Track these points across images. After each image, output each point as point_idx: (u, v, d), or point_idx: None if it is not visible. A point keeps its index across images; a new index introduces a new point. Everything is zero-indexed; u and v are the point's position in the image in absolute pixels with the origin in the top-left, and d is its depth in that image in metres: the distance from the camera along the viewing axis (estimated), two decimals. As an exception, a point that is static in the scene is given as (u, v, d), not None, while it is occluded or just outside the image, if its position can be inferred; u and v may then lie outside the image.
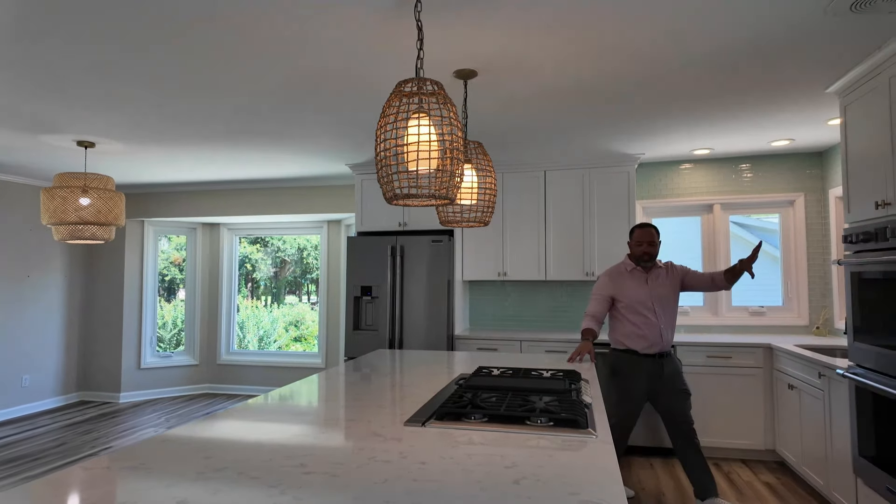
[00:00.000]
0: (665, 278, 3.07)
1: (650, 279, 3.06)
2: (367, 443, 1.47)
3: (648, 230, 3.05)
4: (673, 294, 3.06)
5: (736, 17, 2.09)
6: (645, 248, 3.03)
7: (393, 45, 2.29)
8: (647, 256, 3.02)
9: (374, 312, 4.45)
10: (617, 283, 3.08)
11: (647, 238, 3.04)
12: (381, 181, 1.63)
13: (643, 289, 3.03)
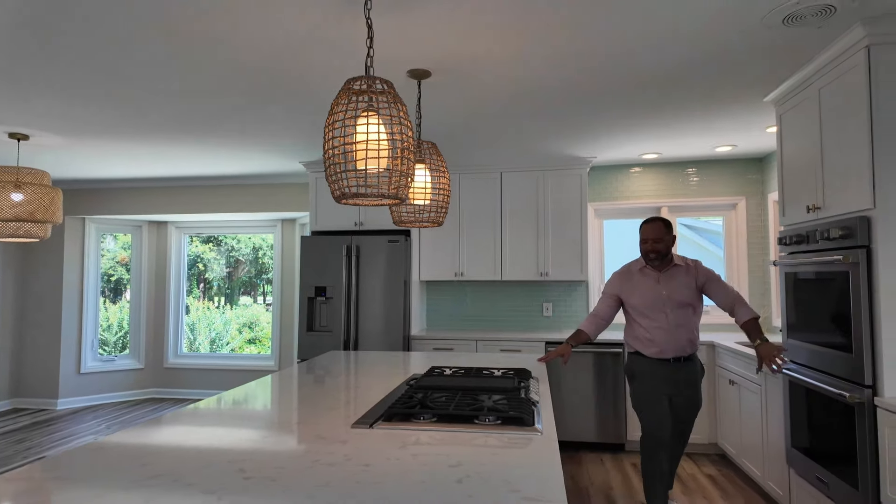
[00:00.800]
0: (683, 278, 2.73)
1: (663, 279, 2.74)
2: (312, 446, 1.44)
3: (654, 225, 2.72)
4: (691, 296, 2.72)
5: (679, 28, 2.17)
6: (650, 245, 2.72)
7: (346, 43, 2.26)
8: (654, 255, 2.72)
9: (328, 313, 4.39)
10: (625, 283, 2.81)
11: (652, 234, 2.71)
12: (330, 180, 1.61)
13: (653, 289, 2.74)
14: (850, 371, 2.24)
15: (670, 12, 2.04)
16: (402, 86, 2.77)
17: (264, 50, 2.33)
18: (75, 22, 2.06)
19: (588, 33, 2.21)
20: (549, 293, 4.84)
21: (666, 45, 2.34)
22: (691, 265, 2.78)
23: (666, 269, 2.76)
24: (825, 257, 2.33)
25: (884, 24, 2.09)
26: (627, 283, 2.81)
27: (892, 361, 2.08)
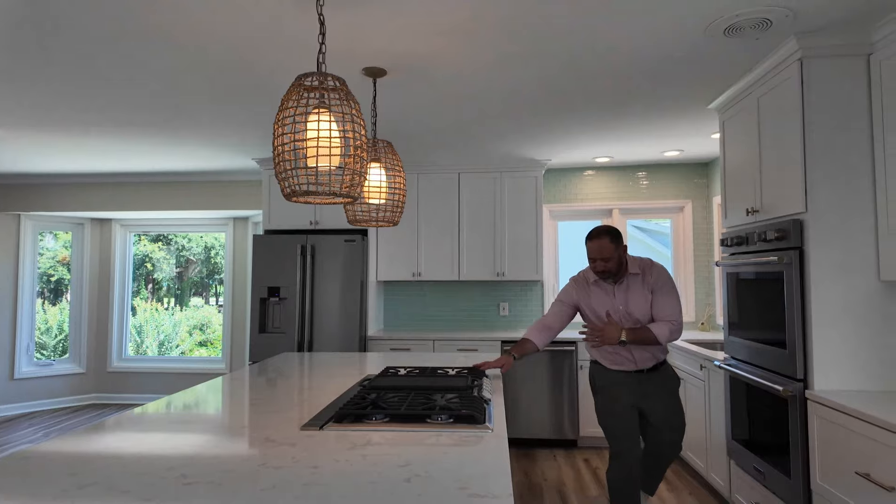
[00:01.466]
0: (639, 288, 2.47)
1: (618, 291, 2.49)
2: (259, 449, 1.41)
3: (600, 242, 2.38)
4: (648, 307, 2.46)
5: (626, 37, 2.23)
6: (599, 266, 2.42)
7: (302, 38, 2.22)
8: (604, 275, 2.44)
9: (282, 314, 4.29)
10: (581, 293, 2.57)
11: (599, 254, 2.39)
12: (279, 177, 1.57)
13: (608, 303, 2.50)
14: (784, 366, 2.36)
15: (618, 23, 2.10)
16: (357, 83, 2.74)
17: (217, 43, 2.26)
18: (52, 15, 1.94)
19: (538, 41, 2.25)
20: (505, 293, 4.90)
21: (614, 55, 2.40)
22: (646, 271, 2.49)
23: (621, 281, 2.49)
24: (762, 258, 2.45)
25: (816, 38, 2.22)
26: (584, 293, 2.56)
27: (822, 357, 2.21)
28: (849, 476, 1.97)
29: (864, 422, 1.89)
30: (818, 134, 2.24)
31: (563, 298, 2.60)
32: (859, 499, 1.92)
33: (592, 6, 1.99)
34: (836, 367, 2.20)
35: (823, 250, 2.22)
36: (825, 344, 2.21)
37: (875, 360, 2.19)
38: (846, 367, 2.20)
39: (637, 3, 1.97)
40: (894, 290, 2.19)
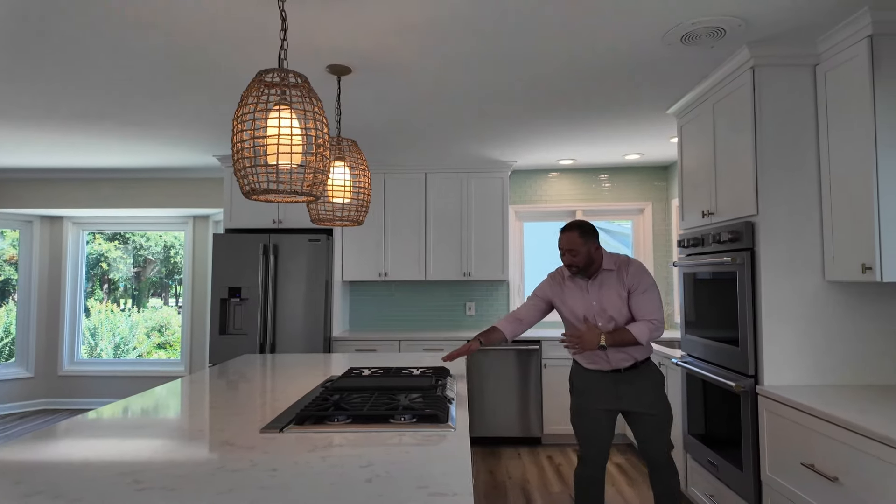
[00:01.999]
0: (613, 284, 2.36)
1: (592, 287, 2.39)
2: (217, 453, 1.38)
3: (568, 235, 2.33)
4: (622, 305, 2.35)
5: (588, 40, 2.28)
6: (567, 258, 2.35)
7: (263, 33, 2.18)
8: (574, 269, 2.35)
9: (243, 315, 4.20)
10: (556, 289, 2.49)
11: (565, 245, 2.34)
12: (238, 174, 1.54)
13: (582, 299, 2.40)
14: (737, 363, 2.45)
15: (579, 29, 2.14)
16: (321, 81, 2.71)
17: (177, 35, 2.20)
18: None
19: (499, 44, 2.27)
20: (472, 293, 4.93)
21: (578, 60, 2.45)
22: (622, 268, 2.37)
23: (595, 277, 2.39)
24: (716, 259, 2.54)
25: (767, 48, 2.32)
26: (558, 288, 2.48)
27: (771, 354, 2.31)
28: (795, 467, 2.07)
29: (808, 415, 1.98)
30: (769, 140, 2.34)
31: (539, 294, 2.53)
32: (805, 489, 2.01)
33: (551, 12, 2.03)
34: (784, 363, 2.30)
35: (773, 251, 2.32)
36: (775, 341, 2.31)
37: (820, 356, 2.30)
38: (794, 364, 2.30)
39: (596, 10, 2.02)
40: (838, 290, 2.30)
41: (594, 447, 2.40)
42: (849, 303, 2.30)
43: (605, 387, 2.41)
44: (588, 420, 2.41)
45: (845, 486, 1.80)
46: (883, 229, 2.00)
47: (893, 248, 2.00)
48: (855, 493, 1.76)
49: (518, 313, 2.52)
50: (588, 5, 1.99)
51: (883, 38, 2.04)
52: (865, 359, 2.28)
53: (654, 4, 1.99)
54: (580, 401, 2.46)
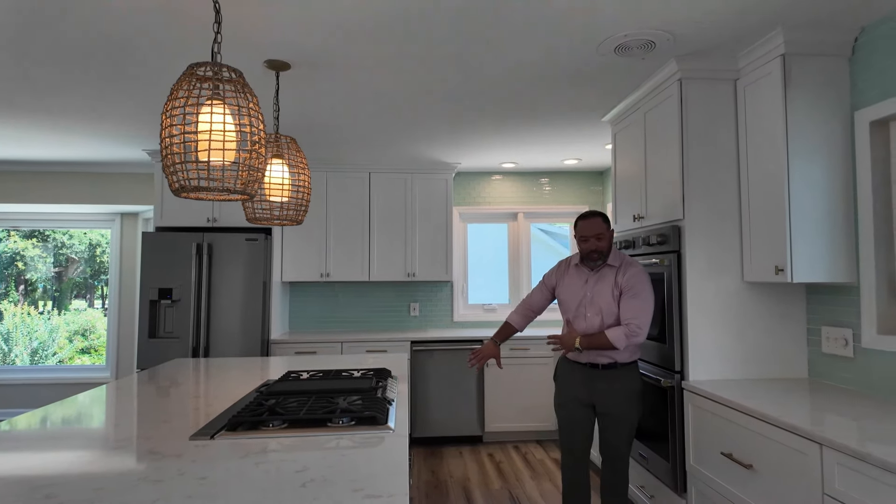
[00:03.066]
0: (610, 280, 2.35)
1: (592, 279, 2.39)
2: (140, 463, 1.31)
3: (593, 220, 2.32)
4: (612, 303, 2.34)
5: (526, 48, 2.34)
6: (592, 244, 2.32)
7: (197, 24, 2.10)
8: (596, 255, 2.33)
9: (174, 317, 4.01)
10: (560, 274, 2.51)
11: (592, 230, 2.31)
12: (167, 170, 1.48)
13: (579, 289, 2.41)
14: (665, 359, 2.59)
15: (517, 37, 2.20)
16: (259, 76, 2.63)
17: (106, 21, 2.07)
18: None
19: (440, 47, 2.29)
20: (416, 293, 4.93)
21: (518, 67, 2.51)
22: (623, 268, 2.36)
23: (600, 270, 2.40)
24: (646, 261, 2.67)
25: (693, 62, 2.46)
26: (561, 274, 2.50)
27: (696, 350, 2.45)
28: (716, 457, 2.20)
29: (726, 407, 2.12)
30: (694, 149, 2.48)
31: (546, 281, 2.57)
32: (724, 476, 2.15)
33: (492, 19, 2.07)
34: (708, 359, 2.45)
35: (697, 254, 2.46)
36: (699, 338, 2.45)
37: (740, 352, 2.46)
38: (716, 359, 2.45)
39: (535, 19, 2.07)
40: (755, 290, 2.47)
41: (572, 436, 2.43)
42: (764, 302, 2.47)
43: (580, 380, 2.42)
44: (565, 410, 2.45)
45: (759, 473, 1.94)
46: (793, 234, 2.17)
47: (802, 251, 2.17)
48: (767, 479, 1.90)
49: (529, 302, 2.59)
50: (527, 14, 2.04)
51: (794, 57, 2.21)
52: (778, 354, 2.46)
53: (589, 16, 2.06)
54: (559, 389, 2.51)
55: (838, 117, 2.21)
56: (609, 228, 2.36)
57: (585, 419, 2.42)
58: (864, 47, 2.17)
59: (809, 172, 2.19)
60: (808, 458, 1.70)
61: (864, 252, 2.14)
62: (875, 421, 1.74)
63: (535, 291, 2.59)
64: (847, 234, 2.19)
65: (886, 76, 2.06)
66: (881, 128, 2.13)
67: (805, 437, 1.70)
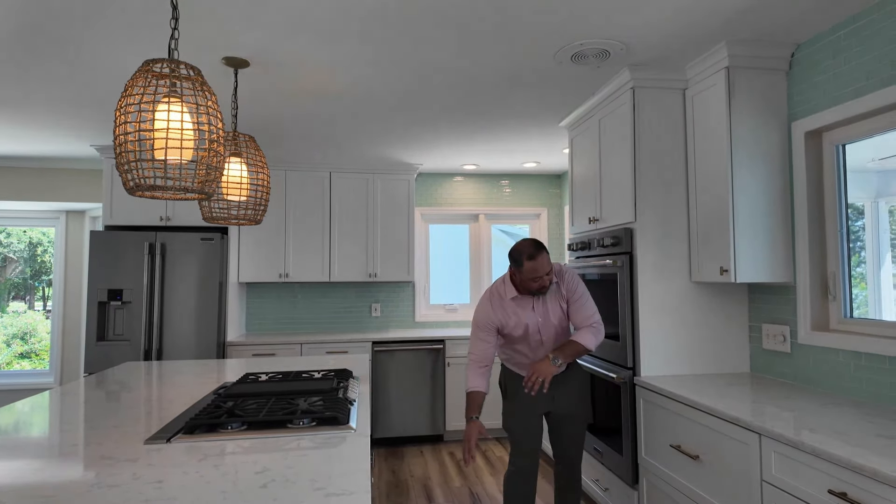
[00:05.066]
0: (556, 296, 2.34)
1: (538, 304, 2.33)
2: (93, 469, 1.28)
3: (542, 259, 2.19)
4: (563, 314, 2.35)
5: (485, 54, 2.38)
6: (544, 281, 2.23)
7: (152, 18, 2.04)
8: (542, 291, 2.27)
9: (125, 320, 3.87)
10: (499, 313, 2.34)
11: (545, 269, 2.20)
12: (121, 168, 1.44)
13: (529, 318, 2.33)
14: (618, 356, 2.69)
15: (476, 42, 2.24)
16: (217, 72, 2.58)
17: (52, 8, 1.98)
18: None
19: (398, 50, 2.31)
20: (378, 294, 4.92)
21: (475, 71, 2.55)
22: (561, 279, 2.35)
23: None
24: (601, 261, 2.77)
25: (645, 71, 2.56)
26: (502, 312, 2.34)
27: (647, 347, 2.55)
28: (666, 449, 2.31)
29: (675, 401, 2.23)
30: (645, 155, 2.59)
31: (488, 325, 2.34)
32: (673, 468, 2.25)
33: (447, 24, 2.10)
34: (658, 355, 2.56)
35: (648, 255, 2.57)
36: (649, 336, 2.56)
37: (688, 348, 2.58)
38: (666, 355, 2.57)
39: (494, 25, 2.12)
40: (702, 290, 2.60)
41: (532, 446, 2.38)
42: (710, 301, 2.60)
43: (539, 390, 2.38)
44: (525, 423, 2.38)
45: (705, 463, 2.04)
46: (737, 237, 2.30)
47: (745, 253, 2.30)
48: (712, 468, 2.00)
49: (483, 358, 2.35)
50: (483, 19, 2.08)
51: (737, 70, 2.34)
52: (723, 350, 2.60)
53: (547, 24, 2.13)
54: (516, 404, 2.41)
55: (777, 127, 2.36)
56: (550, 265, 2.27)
57: (540, 427, 2.41)
58: (800, 63, 2.32)
59: (751, 179, 2.32)
60: (748, 447, 1.80)
61: (800, 254, 2.29)
62: (809, 411, 1.87)
63: (482, 343, 2.34)
64: (785, 237, 2.34)
65: (818, 90, 2.21)
66: (815, 138, 2.29)
67: (746, 427, 1.81)
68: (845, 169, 2.22)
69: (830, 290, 2.23)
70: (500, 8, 1.99)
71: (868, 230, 2.13)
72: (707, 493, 2.02)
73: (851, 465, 1.39)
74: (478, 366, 2.33)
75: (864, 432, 1.62)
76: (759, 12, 2.05)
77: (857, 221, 2.17)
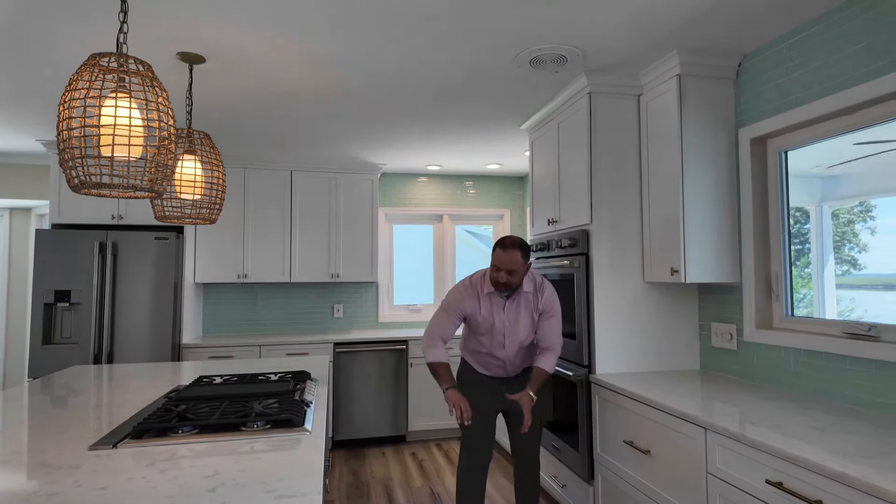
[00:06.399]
0: (529, 306, 2.34)
1: (509, 307, 2.33)
2: (32, 477, 1.23)
3: (511, 253, 2.20)
4: (532, 328, 2.37)
5: (446, 56, 2.40)
6: (503, 277, 2.23)
7: (103, 10, 1.97)
8: (504, 288, 2.26)
9: (73, 322, 3.71)
10: (472, 303, 2.35)
11: (506, 265, 2.21)
12: (65, 165, 1.39)
13: (497, 317, 2.34)
14: (575, 354, 2.75)
15: (441, 44, 2.25)
16: (171, 68, 2.51)
17: None
18: None
19: (357, 50, 2.30)
20: (340, 294, 4.87)
21: (435, 75, 2.56)
22: (539, 292, 2.35)
23: (514, 297, 2.34)
24: (559, 262, 2.82)
25: (601, 77, 2.63)
26: (474, 303, 2.35)
27: (602, 346, 2.62)
28: (619, 444, 2.37)
29: (627, 398, 2.29)
30: (601, 158, 2.66)
31: (455, 308, 2.35)
32: (626, 462, 2.32)
33: (407, 25, 2.11)
34: (612, 353, 2.63)
35: (603, 256, 2.64)
36: (604, 334, 2.63)
37: (641, 347, 2.66)
38: (620, 354, 2.64)
39: (455, 28, 2.13)
40: (654, 290, 2.69)
41: (485, 443, 2.40)
42: (662, 301, 2.69)
43: (497, 387, 2.44)
44: (482, 422, 2.39)
45: (655, 457, 2.11)
46: (687, 239, 2.39)
47: (694, 255, 2.39)
48: (662, 462, 2.07)
49: (443, 335, 2.36)
50: (446, 22, 2.10)
51: (688, 78, 2.43)
52: (674, 348, 2.69)
53: (506, 29, 2.16)
54: (471, 401, 2.42)
55: (726, 134, 2.46)
56: (526, 263, 2.26)
57: (494, 426, 2.43)
58: (746, 72, 2.42)
59: (701, 183, 2.42)
60: (695, 441, 1.88)
61: (746, 255, 2.39)
62: (751, 406, 1.96)
63: (446, 323, 2.35)
64: (732, 239, 2.44)
65: (762, 99, 2.32)
66: (760, 144, 2.40)
67: (693, 422, 1.88)
68: (787, 174, 2.33)
69: (774, 290, 2.34)
70: (456, 10, 2.01)
71: (813, 232, 2.25)
72: (657, 487, 2.09)
73: (786, 456, 1.47)
74: (437, 340, 2.33)
75: (800, 424, 1.71)
76: (707, 22, 2.14)
77: (805, 224, 2.29)
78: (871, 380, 1.86)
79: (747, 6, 2.00)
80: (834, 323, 2.06)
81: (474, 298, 2.35)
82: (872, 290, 2.02)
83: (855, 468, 1.32)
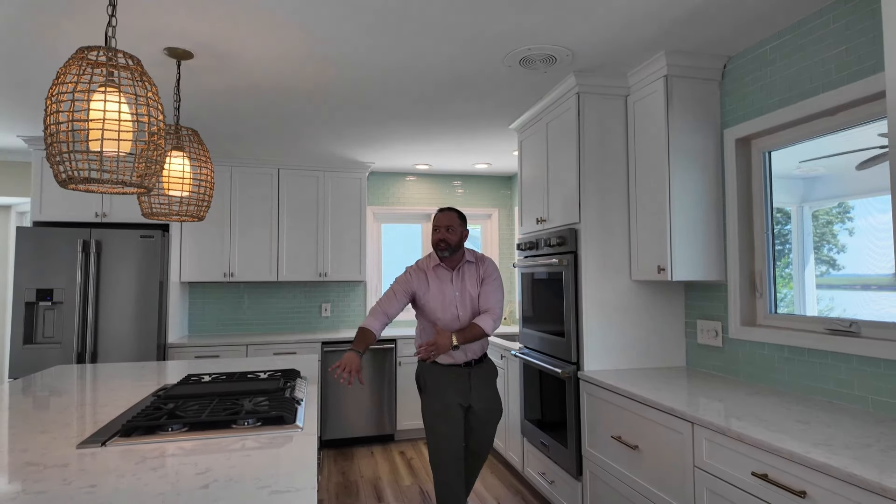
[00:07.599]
0: (473, 276, 2.55)
1: (456, 278, 2.52)
2: (17, 477, 1.21)
3: (447, 214, 2.49)
4: (477, 298, 2.54)
5: (435, 56, 2.41)
6: (441, 234, 2.46)
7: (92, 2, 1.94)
8: (443, 244, 2.46)
9: (56, 321, 3.65)
10: (420, 281, 2.52)
11: (445, 221, 2.47)
12: (52, 160, 1.37)
13: (447, 290, 2.50)
14: (563, 352, 2.77)
15: (431, 44, 2.26)
16: (159, 64, 2.48)
17: (-38, -9, 1.85)
18: None
19: (343, 49, 2.30)
20: (328, 294, 4.85)
21: (426, 74, 2.57)
22: (479, 262, 2.59)
23: (459, 267, 2.54)
24: (547, 261, 2.84)
25: (590, 77, 2.66)
26: (422, 280, 2.52)
27: (591, 343, 2.65)
28: (607, 440, 2.40)
29: (616, 394, 2.32)
30: (590, 158, 2.69)
31: (402, 287, 2.51)
32: (614, 458, 2.34)
33: (397, 24, 2.11)
34: (601, 350, 2.66)
35: (592, 255, 2.66)
36: (593, 332, 2.65)
37: (629, 344, 2.69)
38: (608, 351, 2.67)
39: (443, 29, 2.14)
40: (642, 288, 2.72)
41: (455, 443, 2.41)
42: (649, 299, 2.73)
43: (460, 382, 2.50)
44: (447, 418, 2.42)
45: (643, 452, 2.14)
46: (673, 237, 2.42)
47: (681, 253, 2.43)
48: (650, 457, 2.10)
49: (386, 310, 2.47)
50: (436, 22, 2.11)
51: (675, 79, 2.46)
52: (660, 345, 2.73)
53: (496, 28, 2.17)
54: (436, 400, 2.46)
55: (712, 134, 2.50)
56: (462, 225, 2.52)
57: (461, 426, 2.45)
58: (731, 73, 2.47)
59: (687, 182, 2.45)
60: (682, 436, 1.91)
61: (731, 253, 2.43)
62: (736, 401, 2.00)
63: (391, 299, 2.49)
64: (717, 237, 2.48)
65: (747, 100, 2.37)
66: (744, 145, 2.44)
67: (680, 417, 1.91)
68: (771, 174, 2.38)
69: (758, 288, 2.38)
70: (446, 9, 2.02)
71: (794, 233, 2.30)
72: (645, 481, 2.12)
73: (771, 449, 1.50)
74: (380, 313, 2.47)
75: (784, 418, 1.74)
76: (693, 24, 2.17)
77: (786, 225, 2.33)
78: (852, 374, 1.90)
79: (732, 10, 2.04)
80: (816, 319, 2.10)
81: (422, 277, 2.53)
82: (850, 291, 2.07)
83: (837, 459, 1.35)
